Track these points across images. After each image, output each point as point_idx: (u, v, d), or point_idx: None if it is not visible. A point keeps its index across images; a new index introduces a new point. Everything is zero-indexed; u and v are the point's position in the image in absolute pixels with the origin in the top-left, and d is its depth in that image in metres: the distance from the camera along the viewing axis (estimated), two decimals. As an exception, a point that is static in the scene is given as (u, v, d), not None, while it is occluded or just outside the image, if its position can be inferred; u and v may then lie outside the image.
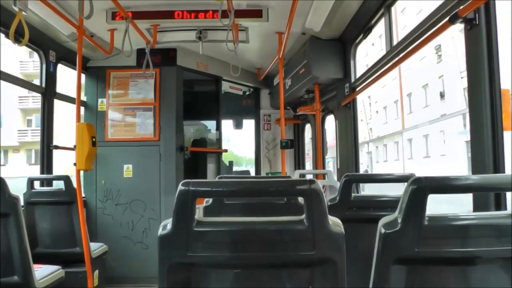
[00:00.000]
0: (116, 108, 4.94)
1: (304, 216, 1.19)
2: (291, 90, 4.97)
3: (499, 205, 1.93)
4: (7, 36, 2.81)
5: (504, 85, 1.97)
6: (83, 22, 3.46)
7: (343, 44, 4.16)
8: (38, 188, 3.97)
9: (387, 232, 1.16)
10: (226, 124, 6.77)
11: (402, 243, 1.15)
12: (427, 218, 1.15)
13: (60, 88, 4.42)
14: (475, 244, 1.14)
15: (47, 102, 4.22)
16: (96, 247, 4.00)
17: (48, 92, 4.22)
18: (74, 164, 3.40)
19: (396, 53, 2.99)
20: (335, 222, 1.22)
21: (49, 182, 4.22)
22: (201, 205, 2.64)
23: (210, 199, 2.62)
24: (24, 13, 2.73)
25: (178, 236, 1.17)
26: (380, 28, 3.49)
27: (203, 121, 6.69)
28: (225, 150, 5.84)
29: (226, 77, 5.68)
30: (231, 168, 7.43)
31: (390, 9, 3.33)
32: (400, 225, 1.15)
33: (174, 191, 1.21)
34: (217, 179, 2.29)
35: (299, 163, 6.35)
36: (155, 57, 4.69)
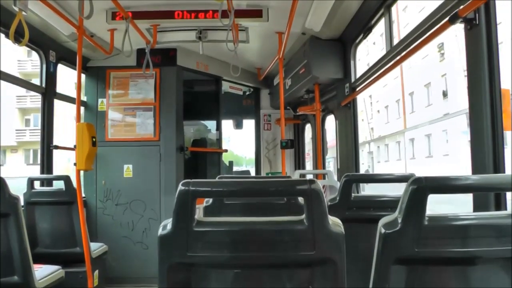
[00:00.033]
0: (116, 108, 4.94)
1: (304, 216, 1.19)
2: (291, 90, 4.97)
3: (499, 205, 1.93)
4: (7, 36, 2.82)
5: (504, 85, 1.97)
6: (83, 22, 3.46)
7: (343, 44, 4.16)
8: (38, 188, 3.97)
9: (387, 232, 1.16)
10: (226, 124, 6.77)
11: (402, 243, 1.15)
12: (427, 218, 1.15)
13: (59, 88, 4.41)
14: (475, 244, 1.14)
15: (47, 102, 4.22)
16: (96, 247, 4.00)
17: (48, 92, 4.22)
18: (74, 164, 3.40)
19: (396, 53, 2.99)
20: (335, 222, 1.22)
21: (49, 182, 4.22)
22: (201, 205, 2.64)
23: (210, 199, 2.62)
24: (24, 13, 2.73)
25: (178, 236, 1.17)
26: (381, 28, 3.48)
27: (203, 121, 6.69)
28: (225, 150, 5.84)
29: (226, 77, 5.68)
30: (231, 168, 7.43)
31: (390, 9, 3.33)
32: (400, 225, 1.16)
33: (174, 191, 1.21)
34: (217, 179, 2.29)
35: (299, 163, 6.35)
36: (155, 57, 4.69)
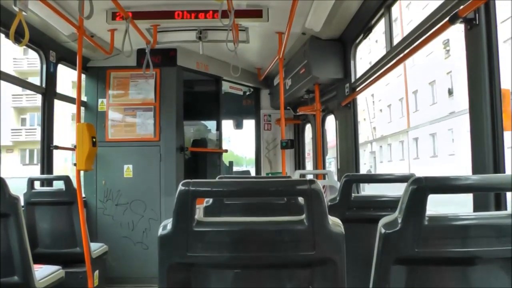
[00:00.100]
0: (116, 108, 4.94)
1: (304, 216, 1.19)
2: (291, 90, 4.97)
3: (499, 205, 1.93)
4: (7, 36, 2.82)
5: (504, 85, 1.97)
6: (83, 22, 3.46)
7: (343, 44, 4.16)
8: (38, 188, 3.97)
9: (387, 232, 1.16)
10: (226, 124, 6.77)
11: (402, 243, 1.15)
12: (427, 218, 1.15)
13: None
14: (475, 244, 1.14)
15: (47, 102, 4.22)
16: (96, 247, 4.00)
17: (48, 92, 4.21)
18: (74, 164, 3.40)
19: (396, 53, 2.99)
20: (335, 222, 1.22)
21: (49, 182, 4.22)
22: (201, 205, 2.64)
23: (210, 199, 2.62)
24: (24, 13, 2.72)
25: (178, 236, 1.17)
26: (382, 27, 3.48)
27: (203, 121, 6.69)
28: (225, 150, 5.84)
29: (226, 77, 5.68)
30: (231, 168, 7.43)
31: (390, 9, 3.33)
32: (400, 225, 1.15)
33: (174, 191, 1.20)
34: (217, 179, 2.29)
35: (299, 163, 6.35)
36: (155, 57, 4.68)
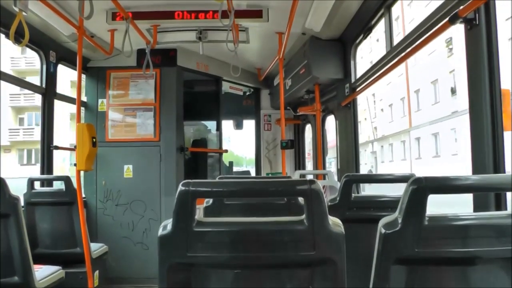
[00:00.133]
0: (117, 109, 4.94)
1: (304, 216, 1.19)
2: (292, 91, 4.97)
3: (499, 205, 1.93)
4: (8, 37, 2.82)
5: (504, 85, 1.97)
6: (83, 23, 3.47)
7: (343, 44, 4.16)
8: (39, 189, 3.98)
9: (387, 232, 1.16)
10: (227, 125, 6.77)
11: (402, 243, 1.15)
12: (427, 218, 1.15)
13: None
14: (475, 244, 1.14)
15: (47, 103, 4.22)
16: (97, 248, 4.00)
17: (49, 93, 4.22)
18: (75, 165, 3.40)
19: (397, 53, 2.99)
20: (335, 222, 1.22)
21: (50, 183, 4.22)
22: (202, 206, 2.64)
23: (211, 200, 2.62)
24: (24, 14, 2.72)
25: (178, 236, 1.17)
26: (383, 26, 3.48)
27: (203, 122, 6.69)
28: (226, 151, 5.84)
29: (226, 78, 5.68)
30: (231, 169, 7.43)
31: (391, 9, 3.33)
32: (400, 225, 1.15)
33: (174, 192, 1.20)
34: (218, 180, 2.29)
35: (300, 164, 6.35)
36: (155, 58, 4.69)
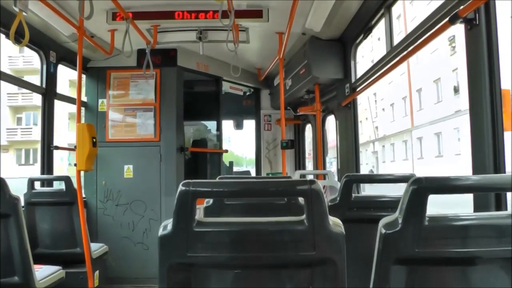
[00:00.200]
0: (117, 109, 4.94)
1: (305, 217, 1.19)
2: (292, 91, 4.97)
3: (500, 206, 1.93)
4: (8, 37, 2.82)
5: (504, 85, 1.97)
6: (84, 23, 3.47)
7: (343, 44, 4.16)
8: (39, 189, 3.98)
9: (388, 233, 1.16)
10: (227, 125, 6.77)
11: (403, 244, 1.15)
12: (428, 219, 1.15)
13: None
14: (476, 245, 1.14)
15: (48, 103, 4.22)
16: (97, 248, 4.00)
17: (49, 93, 4.22)
18: (75, 165, 3.40)
19: (397, 53, 2.99)
20: (336, 223, 1.22)
21: (50, 183, 4.22)
22: (202, 206, 2.64)
23: (211, 200, 2.62)
24: (25, 14, 2.72)
25: (178, 237, 1.17)
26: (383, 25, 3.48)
27: (204, 122, 6.69)
28: (226, 151, 5.84)
29: (227, 78, 5.68)
30: (232, 169, 7.43)
31: (391, 9, 3.33)
32: (401, 226, 1.15)
33: (175, 192, 1.21)
34: (218, 180, 2.29)
35: (300, 164, 6.35)
36: (156, 58, 4.69)
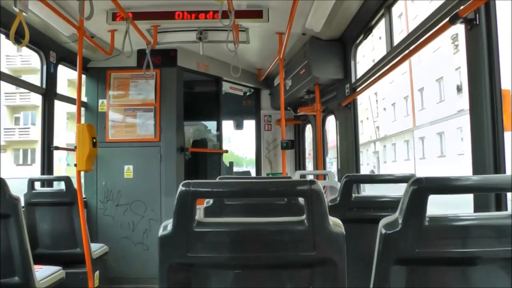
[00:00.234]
0: (117, 109, 4.94)
1: (305, 217, 1.19)
2: (292, 91, 4.97)
3: (500, 206, 1.93)
4: (8, 37, 2.82)
5: (505, 85, 1.97)
6: (84, 23, 3.47)
7: (344, 45, 4.16)
8: (39, 189, 3.97)
9: (388, 233, 1.16)
10: (227, 125, 6.77)
11: (403, 244, 1.15)
12: (428, 219, 1.15)
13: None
14: (476, 245, 1.14)
15: (48, 103, 4.22)
16: (97, 248, 4.00)
17: (49, 93, 4.22)
18: (75, 165, 3.40)
19: (397, 54, 2.99)
20: (336, 223, 1.22)
21: (50, 183, 4.22)
22: (202, 206, 2.64)
23: (211, 200, 2.62)
24: (25, 14, 2.72)
25: (178, 237, 1.17)
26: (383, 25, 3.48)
27: (204, 122, 6.69)
28: (226, 151, 5.84)
29: (227, 78, 5.67)
30: (232, 169, 7.42)
31: (391, 9, 3.33)
32: (401, 226, 1.15)
33: (175, 192, 1.21)
34: (218, 180, 2.29)
35: (300, 164, 6.34)
36: (156, 58, 4.69)
